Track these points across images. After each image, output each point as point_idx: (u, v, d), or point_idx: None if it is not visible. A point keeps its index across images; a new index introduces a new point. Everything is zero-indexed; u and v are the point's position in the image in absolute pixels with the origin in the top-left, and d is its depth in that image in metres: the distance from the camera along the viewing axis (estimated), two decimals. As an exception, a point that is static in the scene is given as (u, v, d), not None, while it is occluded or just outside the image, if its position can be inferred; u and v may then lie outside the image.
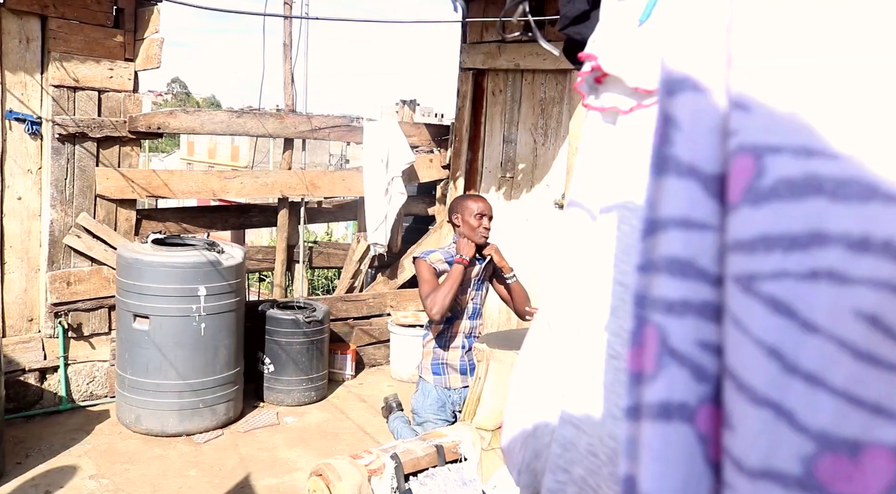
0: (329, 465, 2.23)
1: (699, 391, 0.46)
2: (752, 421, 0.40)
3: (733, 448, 0.41)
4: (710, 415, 0.46)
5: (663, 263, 0.48)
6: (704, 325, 0.46)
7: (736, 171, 0.42)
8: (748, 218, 0.41)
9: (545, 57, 4.40)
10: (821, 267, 0.38)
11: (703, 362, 0.46)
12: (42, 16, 3.70)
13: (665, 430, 0.47)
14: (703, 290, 0.47)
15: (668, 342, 0.47)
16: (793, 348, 0.39)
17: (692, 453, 0.46)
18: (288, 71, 4.62)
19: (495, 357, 2.69)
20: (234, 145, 28.92)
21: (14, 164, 3.76)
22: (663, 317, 0.48)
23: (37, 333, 3.91)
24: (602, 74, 0.80)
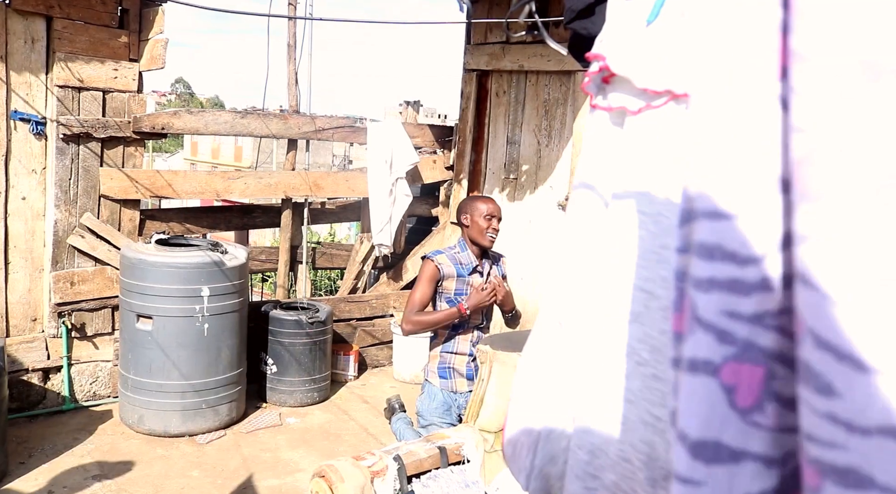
0: (331, 466, 2.23)
1: (724, 351, 0.56)
2: (862, 388, 0.44)
3: (840, 412, 0.45)
4: (735, 370, 0.56)
5: (695, 247, 0.58)
6: (731, 298, 0.55)
7: (818, 165, 0.47)
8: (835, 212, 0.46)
9: (549, 58, 4.40)
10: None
11: (728, 327, 0.56)
12: (47, 16, 3.71)
13: (692, 380, 0.57)
14: (729, 269, 0.56)
15: (696, 311, 0.57)
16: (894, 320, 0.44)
17: (715, 400, 0.56)
18: (292, 71, 4.62)
19: (498, 359, 2.68)
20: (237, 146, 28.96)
21: (19, 164, 3.76)
22: (694, 291, 0.58)
23: (40, 333, 3.92)
24: (610, 75, 0.80)
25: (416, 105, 6.18)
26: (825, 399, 0.46)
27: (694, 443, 0.57)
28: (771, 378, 0.55)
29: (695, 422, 0.57)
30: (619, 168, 0.80)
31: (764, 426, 0.56)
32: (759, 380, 0.55)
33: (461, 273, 2.98)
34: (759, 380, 0.55)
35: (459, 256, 3.02)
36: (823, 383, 0.46)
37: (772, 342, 0.55)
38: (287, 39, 4.60)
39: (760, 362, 0.55)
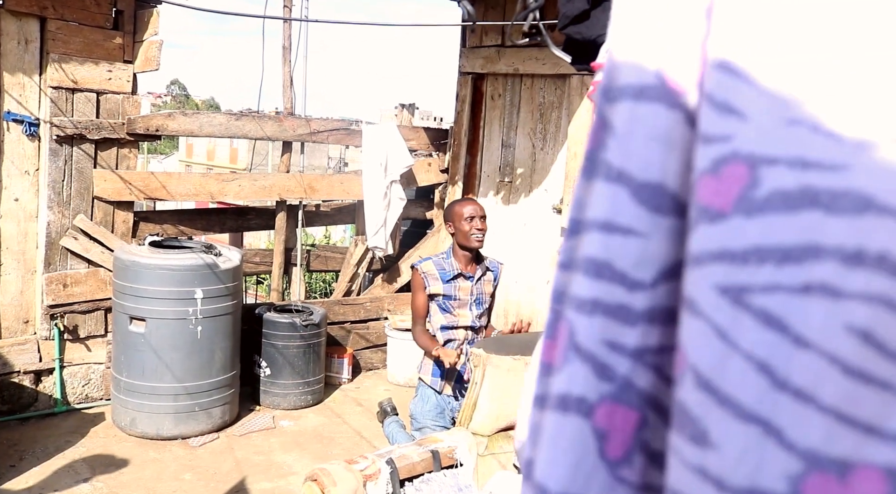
0: (324, 470, 2.22)
1: (601, 388, 0.48)
2: (739, 438, 0.39)
3: (712, 466, 0.40)
4: (610, 413, 0.48)
5: (581, 262, 0.51)
6: (616, 326, 0.48)
7: (726, 179, 0.42)
8: (740, 228, 0.40)
9: (544, 62, 4.41)
10: (814, 281, 0.38)
11: (609, 361, 0.48)
12: (41, 17, 3.70)
13: (561, 421, 0.50)
14: (617, 292, 0.48)
15: (574, 338, 0.50)
16: (784, 363, 0.38)
17: (585, 446, 0.49)
18: (287, 74, 4.62)
19: (492, 363, 2.68)
20: (232, 148, 28.92)
21: (11, 165, 3.75)
22: (575, 314, 0.50)
23: (32, 335, 3.90)
24: None
25: (412, 108, 6.18)
26: (698, 450, 0.41)
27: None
28: (643, 427, 0.48)
29: (558, 473, 0.49)
30: None
31: (630, 482, 0.48)
32: (632, 427, 0.48)
33: (444, 279, 2.98)
34: (632, 427, 0.48)
35: (444, 262, 3.03)
36: (698, 430, 0.41)
37: (649, 383, 0.48)
38: (282, 41, 4.59)
39: (635, 406, 0.48)
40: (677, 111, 0.49)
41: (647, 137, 0.49)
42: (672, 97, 0.49)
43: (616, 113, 0.51)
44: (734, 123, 0.43)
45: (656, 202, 0.48)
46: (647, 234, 0.48)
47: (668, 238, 0.48)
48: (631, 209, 0.48)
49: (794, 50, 0.41)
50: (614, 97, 0.51)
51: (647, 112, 0.49)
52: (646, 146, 0.49)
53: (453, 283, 2.99)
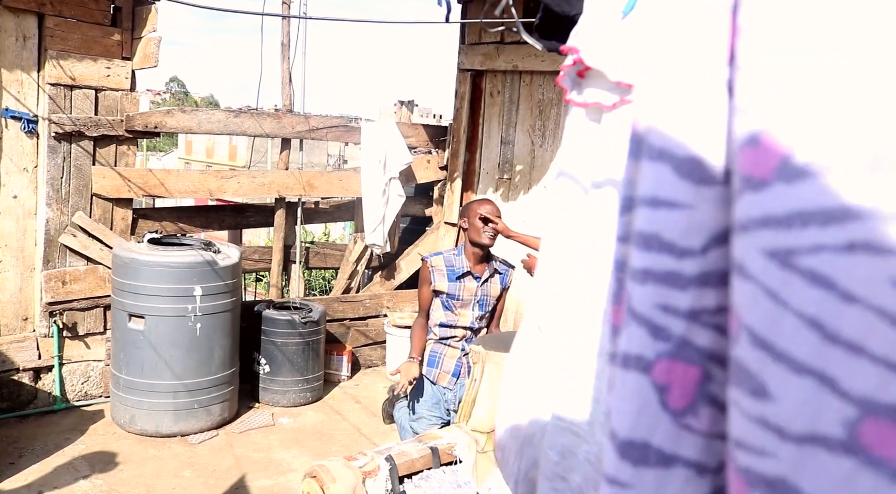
0: (323, 467, 2.22)
1: (657, 347, 0.53)
2: (796, 390, 0.41)
3: (773, 417, 0.42)
4: (668, 369, 0.52)
5: (633, 236, 0.55)
6: (667, 291, 0.52)
7: (765, 149, 0.44)
8: (782, 194, 0.43)
9: (543, 58, 4.40)
10: (857, 239, 0.40)
11: (664, 323, 0.52)
12: (39, 13, 3.69)
13: (624, 376, 0.55)
14: (666, 261, 0.52)
15: (631, 303, 0.55)
16: (833, 318, 0.40)
17: (646, 398, 0.53)
18: (286, 71, 4.61)
19: (491, 360, 2.68)
20: (231, 145, 28.89)
21: (10, 162, 3.74)
22: (630, 282, 0.55)
23: (31, 332, 3.90)
24: (584, 68, 0.78)
25: (411, 105, 6.17)
26: (757, 402, 0.43)
27: (622, 443, 0.54)
28: (707, 380, 0.52)
29: (624, 421, 0.54)
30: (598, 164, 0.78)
31: (697, 430, 0.52)
32: (694, 381, 0.52)
33: (451, 276, 2.97)
34: (693, 381, 0.52)
35: (455, 259, 3.02)
36: (757, 384, 0.43)
37: (709, 341, 0.51)
38: (281, 38, 4.58)
39: (696, 361, 0.52)
40: (711, 85, 0.51)
41: (684, 115, 0.52)
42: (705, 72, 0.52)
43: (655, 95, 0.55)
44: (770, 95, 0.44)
45: (699, 174, 0.51)
46: (692, 205, 0.52)
47: (716, 206, 0.51)
48: (674, 183, 0.52)
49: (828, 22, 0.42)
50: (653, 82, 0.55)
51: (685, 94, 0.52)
52: (684, 123, 0.52)
53: (460, 282, 2.98)
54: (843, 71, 0.41)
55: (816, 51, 0.42)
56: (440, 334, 2.99)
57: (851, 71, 0.41)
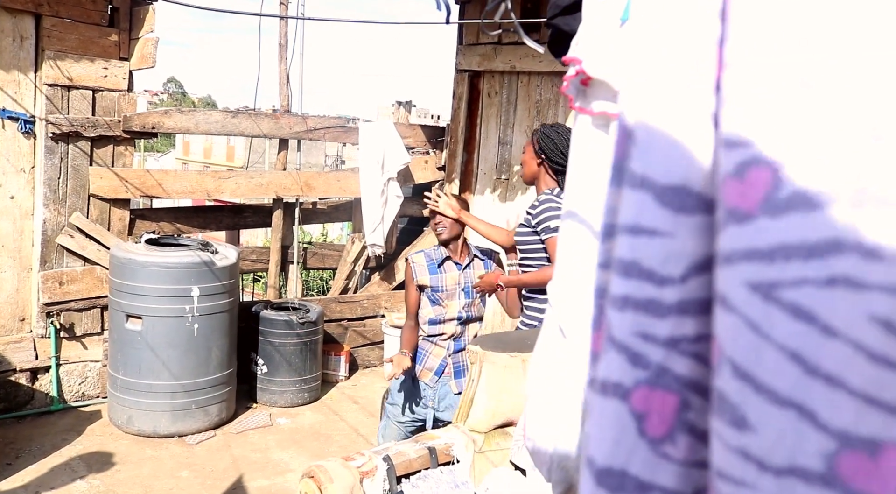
0: (321, 467, 2.22)
1: (636, 375, 0.53)
2: (776, 421, 0.42)
3: (753, 448, 0.43)
4: (647, 397, 0.53)
5: (614, 263, 0.56)
6: (646, 319, 0.53)
7: (750, 182, 0.44)
8: (766, 228, 0.43)
9: (541, 59, 4.41)
10: (838, 274, 0.41)
11: (642, 350, 0.53)
12: (36, 14, 3.68)
13: (602, 403, 0.55)
14: (646, 288, 0.53)
15: (610, 330, 0.55)
16: (814, 352, 0.41)
17: (624, 425, 0.53)
18: (283, 71, 4.61)
19: (489, 359, 2.68)
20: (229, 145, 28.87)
21: (7, 162, 3.74)
22: (610, 309, 0.55)
23: (28, 333, 3.89)
24: (587, 78, 0.79)
25: (409, 105, 6.19)
26: (738, 433, 0.44)
27: (599, 470, 0.55)
28: (685, 408, 0.52)
29: (602, 448, 0.55)
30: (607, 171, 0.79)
31: (674, 458, 0.52)
32: (672, 409, 0.52)
33: (431, 269, 2.99)
34: (672, 409, 0.52)
35: (434, 252, 3.05)
36: (738, 415, 0.44)
37: (687, 369, 0.52)
38: (279, 39, 4.59)
39: (674, 389, 0.52)
40: (695, 115, 0.52)
41: (667, 144, 0.53)
42: (689, 103, 0.52)
43: (637, 123, 0.55)
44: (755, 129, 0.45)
45: (680, 203, 0.52)
46: (672, 233, 0.52)
47: (696, 234, 0.51)
48: (655, 212, 0.53)
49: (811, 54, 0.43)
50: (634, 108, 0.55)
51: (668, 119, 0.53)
52: (666, 152, 0.53)
53: (441, 272, 3.00)
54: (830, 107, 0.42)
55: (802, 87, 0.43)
56: (429, 331, 3.00)
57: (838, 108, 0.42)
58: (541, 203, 2.73)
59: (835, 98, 0.42)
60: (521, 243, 2.85)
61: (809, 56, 0.43)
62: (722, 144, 0.47)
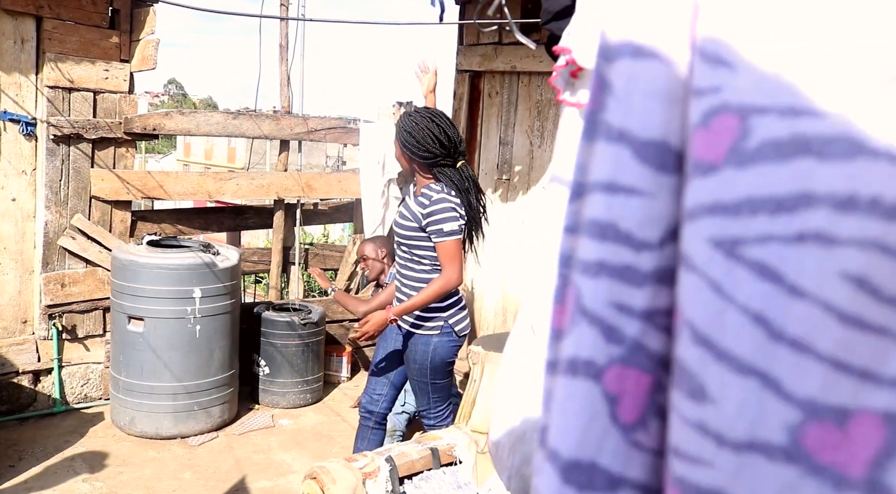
0: (323, 468, 2.23)
1: (610, 351, 0.47)
2: (737, 391, 0.38)
3: (711, 421, 0.39)
4: (620, 376, 0.47)
5: (586, 225, 0.49)
6: (622, 287, 0.47)
7: (717, 131, 0.41)
8: (732, 180, 0.40)
9: (541, 59, 4.40)
10: (808, 229, 0.37)
11: (617, 323, 0.47)
12: (37, 16, 3.69)
13: (570, 385, 0.48)
14: (623, 253, 0.47)
15: (581, 301, 0.49)
16: (779, 314, 0.38)
17: (595, 409, 0.47)
18: (284, 72, 4.62)
19: (490, 360, 2.68)
20: (230, 147, 28.88)
21: (8, 165, 3.74)
22: (581, 277, 0.49)
23: (31, 335, 3.89)
24: (577, 68, 0.78)
25: (409, 106, 6.18)
26: (696, 405, 0.40)
27: (566, 464, 0.48)
28: (658, 390, 0.46)
29: (568, 438, 0.48)
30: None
31: (646, 447, 0.47)
32: (645, 390, 0.47)
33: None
34: (644, 390, 0.47)
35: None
36: (696, 385, 0.40)
37: (661, 345, 0.46)
38: (279, 40, 4.59)
39: (648, 369, 0.47)
40: (675, 66, 0.47)
41: (646, 94, 0.48)
42: (669, 53, 0.48)
43: (614, 72, 0.50)
44: (724, 75, 0.42)
45: (660, 160, 0.47)
46: (651, 193, 0.47)
47: (674, 196, 0.47)
48: (634, 168, 0.47)
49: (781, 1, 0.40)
50: (612, 57, 0.50)
51: (646, 69, 0.48)
52: (646, 103, 0.48)
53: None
54: (804, 50, 0.39)
55: (774, 28, 0.40)
56: None
57: (811, 51, 0.39)
58: (434, 202, 2.54)
59: (814, 42, 0.39)
60: (404, 238, 2.64)
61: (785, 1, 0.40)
62: (692, 93, 0.44)
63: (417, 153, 2.59)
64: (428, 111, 2.68)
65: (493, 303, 4.95)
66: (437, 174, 2.61)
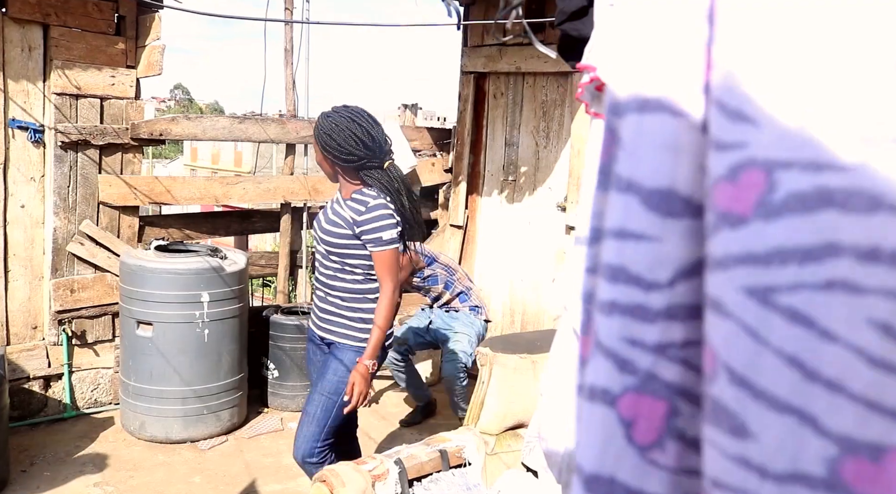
0: (333, 471, 2.23)
1: (623, 380, 0.52)
2: (776, 428, 0.41)
3: (754, 456, 0.42)
4: (634, 403, 0.52)
5: (601, 268, 0.55)
6: (633, 324, 0.52)
7: (744, 185, 0.44)
8: (761, 232, 0.43)
9: (546, 60, 4.40)
10: (835, 278, 0.40)
11: (630, 356, 0.52)
12: (44, 24, 3.71)
13: (590, 408, 0.55)
14: (633, 293, 0.52)
15: (597, 336, 0.55)
16: (813, 356, 0.40)
17: (611, 431, 0.53)
18: (289, 76, 4.63)
19: (498, 362, 2.68)
20: (237, 151, 28.98)
21: (17, 172, 3.76)
22: (597, 314, 0.55)
23: (41, 340, 3.92)
24: (602, 84, 0.80)
25: (415, 108, 6.19)
26: (737, 441, 0.43)
27: (588, 477, 0.54)
28: (674, 415, 0.51)
29: (589, 454, 0.54)
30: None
31: (663, 466, 0.52)
32: (661, 416, 0.52)
33: None
34: (660, 416, 0.52)
35: None
36: (737, 423, 0.43)
37: (676, 375, 0.51)
38: (284, 44, 4.60)
39: (662, 396, 0.51)
40: (683, 118, 0.51)
41: (653, 146, 0.52)
42: (676, 105, 0.51)
43: (623, 125, 0.54)
44: (748, 130, 0.44)
45: (667, 207, 0.51)
46: (659, 237, 0.51)
47: (683, 239, 0.50)
48: (642, 216, 0.52)
49: (800, 55, 0.42)
50: (620, 111, 0.54)
51: (652, 121, 0.52)
52: (653, 155, 0.52)
53: None
54: (827, 108, 0.41)
55: (796, 89, 0.42)
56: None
57: (835, 108, 0.41)
58: (371, 209, 2.38)
59: (833, 99, 0.41)
60: (334, 246, 2.44)
61: (804, 58, 0.42)
62: (712, 146, 0.46)
63: (340, 157, 2.41)
64: (347, 110, 2.50)
65: (500, 304, 4.95)
66: (364, 177, 2.43)
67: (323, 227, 2.49)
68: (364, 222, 2.37)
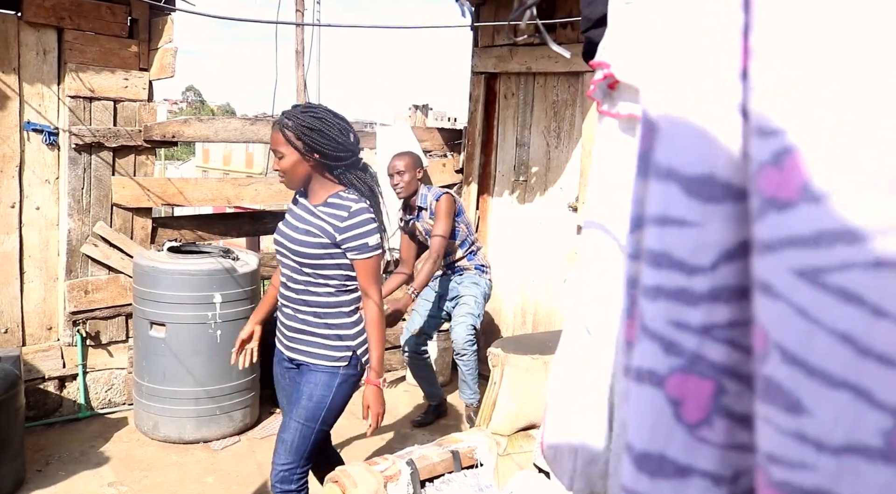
0: (345, 471, 2.23)
1: (670, 362, 0.54)
2: (832, 403, 0.43)
3: (810, 431, 0.44)
4: (681, 383, 0.54)
5: (644, 254, 0.57)
6: (678, 308, 0.54)
7: (789, 169, 0.45)
8: (808, 215, 0.44)
9: (557, 60, 4.39)
10: (884, 256, 0.41)
11: (676, 338, 0.54)
12: (58, 28, 3.74)
13: (638, 390, 0.57)
14: (677, 278, 0.54)
15: (643, 320, 0.56)
16: (865, 333, 0.42)
17: (660, 411, 0.55)
18: (300, 77, 4.64)
19: (510, 362, 2.68)
20: (248, 152, 29.12)
21: (32, 174, 3.80)
22: (642, 299, 0.57)
23: (56, 341, 3.95)
24: (615, 81, 0.80)
25: (426, 109, 6.18)
26: (793, 417, 0.44)
27: (638, 455, 0.56)
28: (721, 393, 0.53)
29: (640, 434, 0.57)
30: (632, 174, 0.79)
31: (712, 442, 0.54)
32: (708, 394, 0.53)
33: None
34: (707, 394, 0.53)
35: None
36: (791, 400, 0.44)
37: (722, 355, 0.53)
38: (295, 46, 4.62)
39: (709, 375, 0.53)
40: (719, 105, 0.52)
41: (691, 134, 0.53)
42: (712, 93, 0.52)
43: (660, 115, 0.55)
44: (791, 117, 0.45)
45: (708, 193, 0.52)
46: (701, 223, 0.53)
47: (725, 223, 0.52)
48: (683, 202, 0.53)
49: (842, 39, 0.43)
50: (657, 101, 0.56)
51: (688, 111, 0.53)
52: (691, 143, 0.53)
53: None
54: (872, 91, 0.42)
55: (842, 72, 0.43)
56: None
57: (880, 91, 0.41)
58: (354, 214, 2.22)
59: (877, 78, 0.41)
60: (308, 257, 2.25)
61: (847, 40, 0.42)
62: (754, 132, 0.47)
63: (333, 154, 2.21)
64: (320, 106, 2.33)
65: (511, 305, 4.94)
66: (348, 179, 2.27)
67: (293, 238, 2.29)
68: (347, 229, 2.20)
